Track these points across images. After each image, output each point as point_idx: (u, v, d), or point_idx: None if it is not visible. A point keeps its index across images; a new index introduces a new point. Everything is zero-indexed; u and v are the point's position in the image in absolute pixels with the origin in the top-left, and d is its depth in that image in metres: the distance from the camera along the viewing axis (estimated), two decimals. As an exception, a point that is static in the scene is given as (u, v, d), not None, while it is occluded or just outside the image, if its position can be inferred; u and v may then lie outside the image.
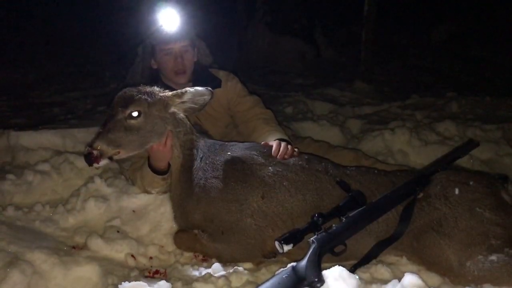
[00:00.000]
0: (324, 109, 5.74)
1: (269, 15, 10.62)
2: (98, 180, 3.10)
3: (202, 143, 2.75)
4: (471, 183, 2.34)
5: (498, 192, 2.33)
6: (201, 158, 2.69)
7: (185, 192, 2.68)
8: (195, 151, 2.71)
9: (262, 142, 2.82)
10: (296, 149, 2.71)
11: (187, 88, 2.68)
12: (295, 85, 7.72)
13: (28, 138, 3.70)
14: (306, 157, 2.71)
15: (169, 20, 3.02)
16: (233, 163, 2.62)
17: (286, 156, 2.62)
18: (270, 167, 2.58)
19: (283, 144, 2.68)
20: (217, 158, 2.66)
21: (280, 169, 2.57)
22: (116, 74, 7.81)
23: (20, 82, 7.89)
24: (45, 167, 3.33)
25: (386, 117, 5.30)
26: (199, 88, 2.66)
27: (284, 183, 2.51)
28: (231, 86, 3.32)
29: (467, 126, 4.63)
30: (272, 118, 3.25)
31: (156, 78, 3.18)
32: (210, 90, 2.66)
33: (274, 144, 2.69)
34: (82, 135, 3.85)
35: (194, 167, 2.68)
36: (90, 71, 8.73)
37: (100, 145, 2.46)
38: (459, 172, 2.47)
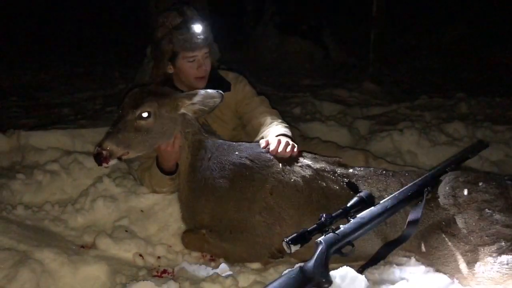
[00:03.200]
0: (333, 109, 5.73)
1: (278, 16, 10.61)
2: (106, 180, 3.12)
3: (210, 143, 2.76)
4: (480, 184, 2.33)
5: (508, 193, 2.32)
6: (209, 158, 2.70)
7: (193, 192, 2.69)
8: (203, 151, 2.72)
9: (261, 139, 2.80)
10: (295, 146, 2.69)
11: (198, 90, 2.68)
12: (303, 86, 7.71)
13: (38, 138, 3.72)
14: (313, 156, 2.71)
15: (195, 28, 2.94)
16: (241, 162, 2.63)
17: (285, 154, 2.61)
18: (277, 164, 2.60)
19: (283, 141, 2.67)
20: (225, 158, 2.67)
21: (287, 166, 2.59)
22: (125, 75, 7.84)
23: (30, 83, 7.94)
24: (54, 167, 3.35)
25: (394, 118, 5.27)
26: (210, 91, 2.67)
27: (292, 179, 2.53)
28: (239, 89, 3.31)
29: (477, 127, 4.61)
30: (278, 115, 3.22)
31: (168, 82, 3.15)
32: (220, 93, 2.66)
33: (274, 140, 2.68)
34: (91, 135, 3.87)
35: (202, 167, 2.69)
36: (99, 72, 8.77)
37: (110, 146, 2.48)
38: (469, 173, 2.46)
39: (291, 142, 2.70)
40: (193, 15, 3.01)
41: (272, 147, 2.64)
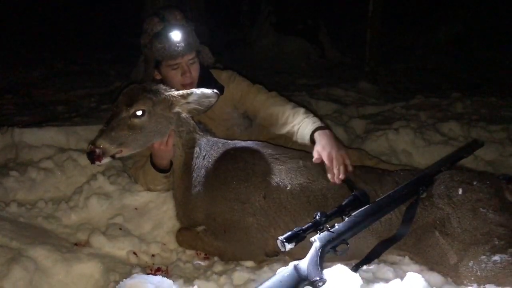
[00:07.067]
0: (328, 109, 5.72)
1: (274, 15, 10.60)
2: (101, 178, 3.12)
3: (205, 141, 2.75)
4: (474, 183, 2.33)
5: (502, 193, 2.32)
6: (204, 157, 2.69)
7: (187, 190, 2.69)
8: (197, 149, 2.72)
9: (314, 159, 2.60)
10: (346, 157, 2.55)
11: (193, 89, 2.67)
12: (299, 85, 7.69)
13: (32, 136, 3.70)
14: (309, 156, 2.69)
15: (174, 36, 2.88)
16: (236, 162, 2.62)
17: (341, 177, 2.46)
18: (275, 168, 2.57)
19: (335, 156, 2.51)
20: (220, 157, 2.66)
21: (286, 171, 2.56)
22: (121, 73, 7.82)
23: (24, 80, 7.89)
24: (48, 164, 3.34)
25: (390, 117, 5.27)
26: (205, 90, 2.65)
27: (288, 186, 2.50)
28: (234, 88, 3.26)
29: (472, 126, 4.61)
30: (278, 96, 3.16)
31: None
32: (216, 92, 2.64)
33: (324, 157, 2.53)
34: (85, 133, 3.86)
35: (196, 166, 2.68)
36: (95, 69, 8.73)
37: (103, 144, 2.46)
38: (463, 172, 2.46)
39: (342, 153, 2.56)
40: (175, 21, 2.94)
41: (328, 171, 2.51)
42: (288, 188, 2.50)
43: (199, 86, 3.01)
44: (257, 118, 3.19)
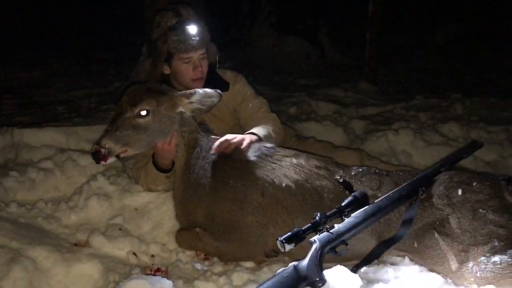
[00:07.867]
0: (328, 109, 5.72)
1: (274, 15, 10.61)
2: (100, 178, 3.12)
3: (206, 141, 2.76)
4: (474, 184, 2.32)
5: (501, 194, 2.31)
6: (204, 157, 2.70)
7: (187, 190, 2.69)
8: (198, 149, 2.73)
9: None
10: (244, 142, 2.71)
11: (196, 89, 2.68)
12: (299, 86, 7.70)
13: (32, 136, 3.71)
14: (306, 155, 2.71)
15: (190, 29, 2.92)
16: (232, 161, 2.64)
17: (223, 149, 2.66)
18: (269, 166, 2.59)
19: (225, 138, 2.71)
20: (218, 157, 2.67)
21: (279, 168, 2.58)
22: (121, 73, 7.83)
23: (24, 80, 7.91)
24: (48, 164, 3.34)
25: (390, 118, 5.27)
26: (208, 90, 2.67)
27: (283, 183, 2.52)
28: (239, 89, 3.28)
29: (472, 127, 4.61)
30: (275, 120, 3.19)
31: (165, 82, 3.13)
32: (218, 92, 2.66)
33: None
34: (85, 133, 3.87)
35: (196, 166, 2.69)
36: (95, 69, 8.75)
37: (108, 143, 2.48)
38: (463, 173, 2.46)
39: (239, 136, 2.74)
40: (189, 16, 2.99)
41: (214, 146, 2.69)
42: (283, 185, 2.51)
43: (205, 85, 3.03)
44: (245, 130, 3.20)
